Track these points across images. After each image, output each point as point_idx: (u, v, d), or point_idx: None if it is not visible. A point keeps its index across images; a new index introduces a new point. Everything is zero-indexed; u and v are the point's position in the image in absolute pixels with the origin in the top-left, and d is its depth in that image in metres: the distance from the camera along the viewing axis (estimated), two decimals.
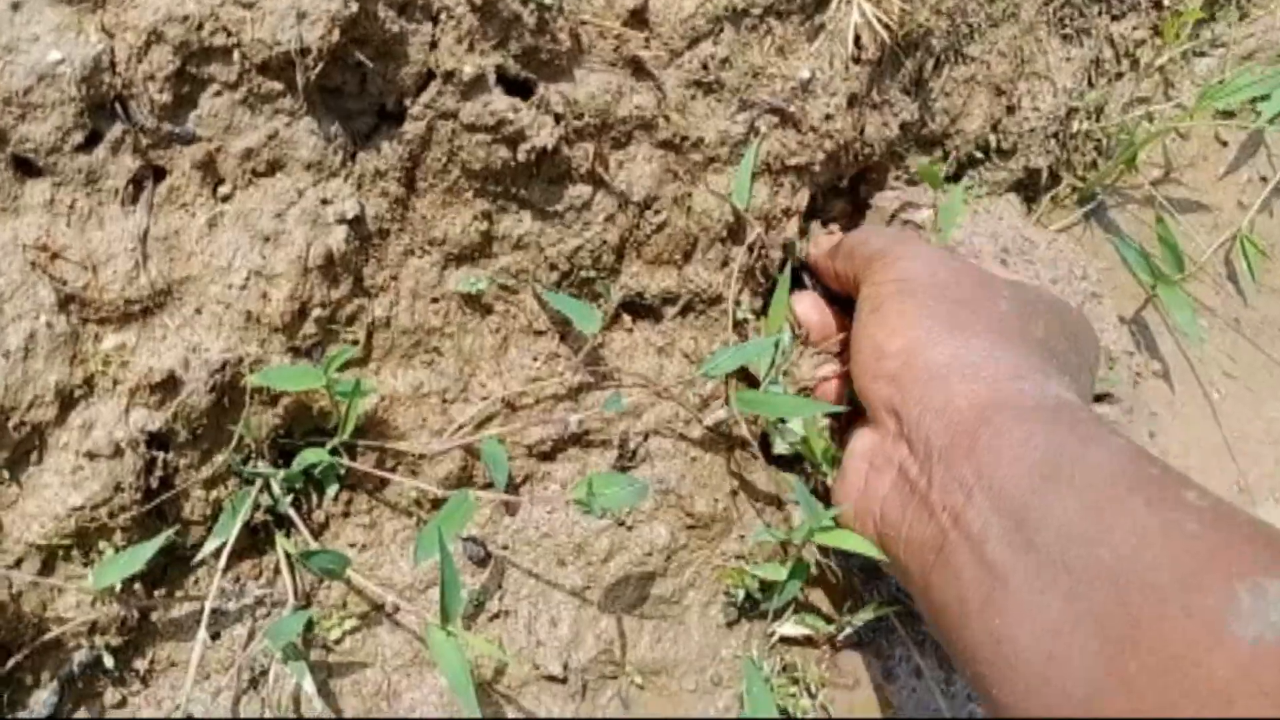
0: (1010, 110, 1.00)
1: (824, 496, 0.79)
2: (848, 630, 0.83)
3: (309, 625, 0.72)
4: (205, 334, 0.63)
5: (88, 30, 0.57)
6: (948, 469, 0.62)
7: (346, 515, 0.75)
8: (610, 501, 0.64)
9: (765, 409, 0.75)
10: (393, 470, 0.73)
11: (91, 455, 0.61)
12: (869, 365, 0.71)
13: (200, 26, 0.59)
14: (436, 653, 0.64)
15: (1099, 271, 0.96)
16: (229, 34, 0.60)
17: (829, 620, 0.83)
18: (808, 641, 0.84)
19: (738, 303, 0.85)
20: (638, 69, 0.75)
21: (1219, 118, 1.11)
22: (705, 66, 0.78)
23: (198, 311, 0.64)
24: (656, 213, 0.79)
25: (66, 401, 0.61)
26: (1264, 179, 1.15)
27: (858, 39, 0.83)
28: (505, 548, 0.78)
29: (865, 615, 0.83)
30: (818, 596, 0.85)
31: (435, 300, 0.74)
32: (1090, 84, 1.07)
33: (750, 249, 0.83)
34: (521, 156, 0.70)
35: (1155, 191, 1.11)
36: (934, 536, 0.62)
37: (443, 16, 0.65)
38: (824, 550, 0.84)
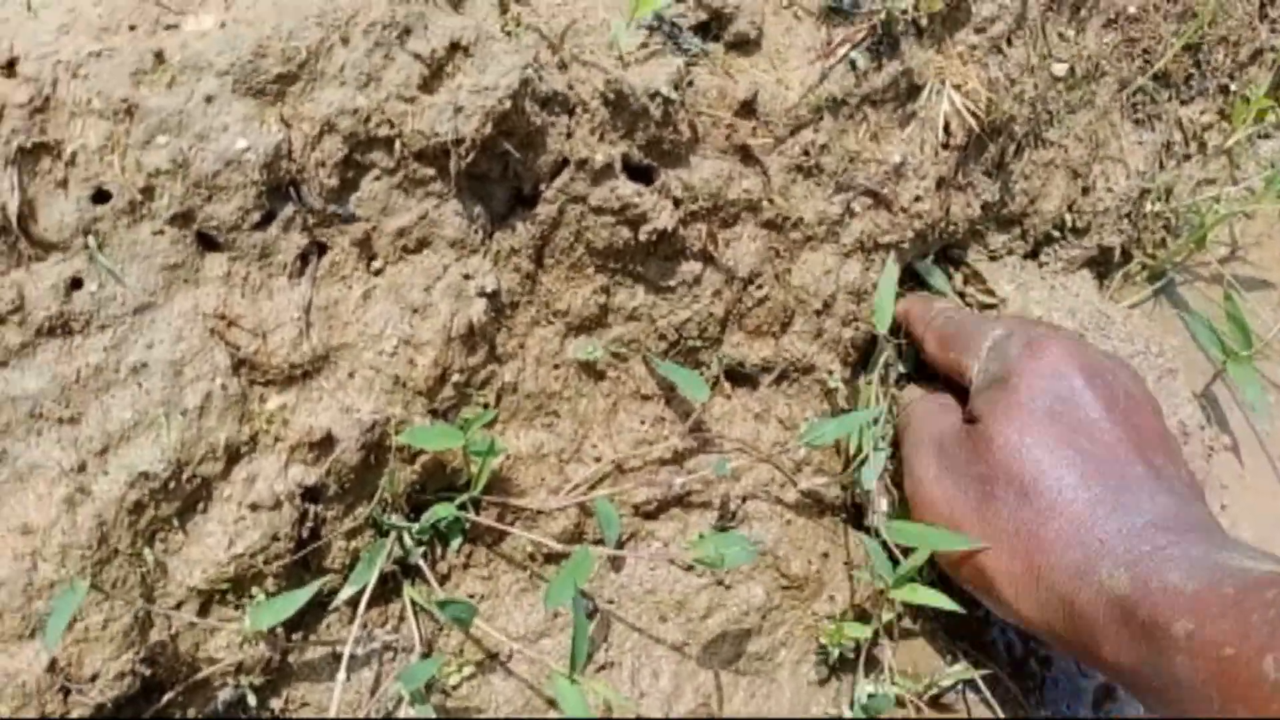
0: (1085, 191, 1.05)
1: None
2: (934, 690, 0.87)
3: None
4: (357, 396, 0.69)
5: (269, 121, 0.64)
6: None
7: (467, 567, 0.79)
8: (732, 560, 0.68)
9: (910, 540, 0.79)
10: (512, 525, 0.78)
11: (254, 507, 0.66)
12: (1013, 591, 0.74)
13: (368, 119, 0.65)
14: (561, 698, 0.68)
15: (1173, 348, 1.00)
16: (392, 125, 0.66)
17: (916, 680, 0.86)
18: (896, 701, 0.87)
19: (830, 371, 0.90)
20: (746, 155, 0.81)
21: None
22: (806, 152, 0.83)
23: (351, 375, 0.69)
24: (759, 287, 0.84)
25: (233, 457, 0.66)
26: None
27: (947, 126, 0.89)
28: (611, 602, 0.82)
29: (952, 675, 0.86)
30: (905, 658, 0.88)
31: (556, 367, 0.79)
32: (1161, 166, 1.12)
33: (845, 322, 0.89)
34: (643, 237, 0.76)
35: (1223, 269, 1.15)
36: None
37: (579, 110, 0.71)
38: (914, 611, 0.88)
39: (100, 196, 0.62)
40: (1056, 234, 1.06)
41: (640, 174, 0.76)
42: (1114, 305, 1.07)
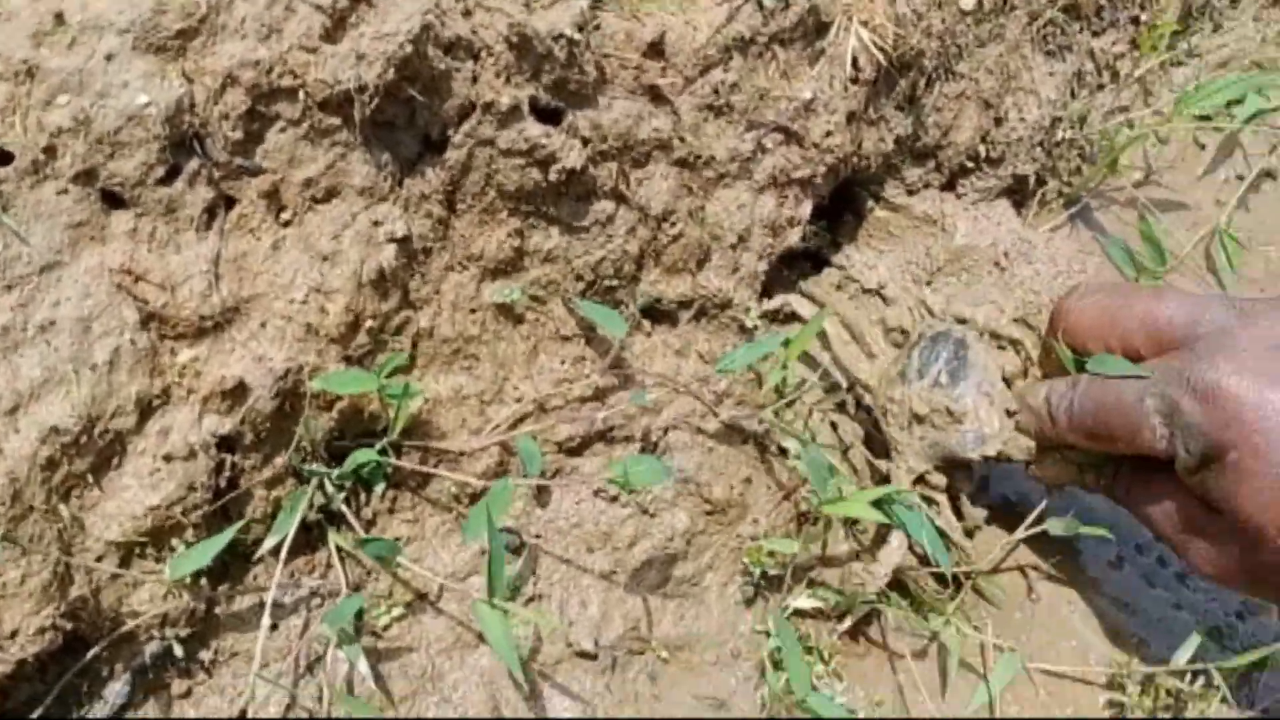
0: (998, 122, 1.07)
1: None
2: (856, 602, 0.90)
3: (359, 614, 0.78)
4: (269, 345, 0.70)
5: (170, 76, 0.63)
6: None
7: (392, 512, 0.81)
8: (641, 479, 0.70)
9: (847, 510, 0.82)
10: (435, 467, 0.80)
11: (168, 458, 0.67)
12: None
13: (270, 70, 0.65)
14: (484, 625, 0.70)
15: (1094, 265, 1.03)
16: (295, 76, 0.66)
17: (839, 593, 0.89)
18: (819, 614, 0.90)
19: (747, 308, 0.92)
20: (655, 96, 0.82)
21: (1196, 122, 1.18)
22: (716, 91, 0.84)
23: (263, 325, 0.70)
24: (673, 225, 0.86)
25: (145, 410, 0.67)
26: (1240, 177, 1.23)
27: (855, 61, 0.90)
28: (538, 537, 0.85)
29: (872, 588, 0.89)
30: (828, 573, 0.91)
31: (473, 311, 0.80)
32: (1073, 95, 1.14)
33: (760, 255, 0.90)
34: (552, 177, 0.76)
35: (1137, 193, 1.18)
36: None
37: (483, 54, 0.72)
38: (835, 527, 0.91)
39: (2, 158, 0.62)
40: (971, 165, 1.08)
41: (549, 116, 0.77)
42: (1035, 232, 1.09)
